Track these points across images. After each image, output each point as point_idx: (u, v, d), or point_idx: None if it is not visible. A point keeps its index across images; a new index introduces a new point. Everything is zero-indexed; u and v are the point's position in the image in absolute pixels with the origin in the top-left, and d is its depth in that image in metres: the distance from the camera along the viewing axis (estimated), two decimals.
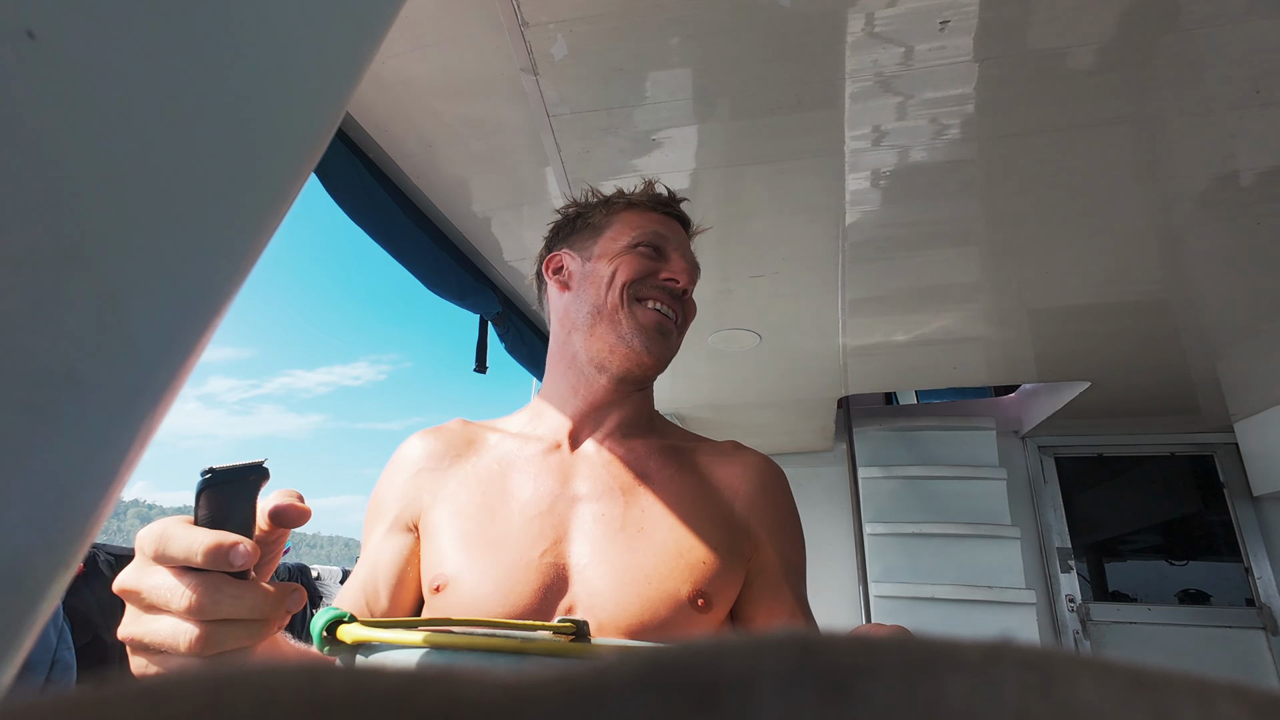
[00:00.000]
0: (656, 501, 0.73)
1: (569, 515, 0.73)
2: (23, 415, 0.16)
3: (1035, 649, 0.09)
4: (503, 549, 0.69)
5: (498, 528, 0.71)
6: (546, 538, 0.70)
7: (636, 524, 0.71)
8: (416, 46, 1.20)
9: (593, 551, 0.69)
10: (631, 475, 0.76)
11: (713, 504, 0.75)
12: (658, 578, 0.67)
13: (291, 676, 0.09)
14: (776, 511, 0.78)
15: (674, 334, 0.81)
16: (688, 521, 0.72)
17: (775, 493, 0.79)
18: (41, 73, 0.16)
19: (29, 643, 0.18)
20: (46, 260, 0.16)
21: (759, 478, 0.79)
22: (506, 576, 0.67)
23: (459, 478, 0.78)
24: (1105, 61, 1.13)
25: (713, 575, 0.69)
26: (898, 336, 2.28)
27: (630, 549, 0.69)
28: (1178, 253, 1.72)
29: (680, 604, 0.66)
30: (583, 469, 0.77)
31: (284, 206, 0.24)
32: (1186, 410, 3.00)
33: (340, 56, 0.25)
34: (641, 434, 0.82)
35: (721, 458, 0.81)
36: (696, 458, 0.81)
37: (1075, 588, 3.27)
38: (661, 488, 0.75)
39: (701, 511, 0.73)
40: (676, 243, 0.85)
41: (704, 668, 0.09)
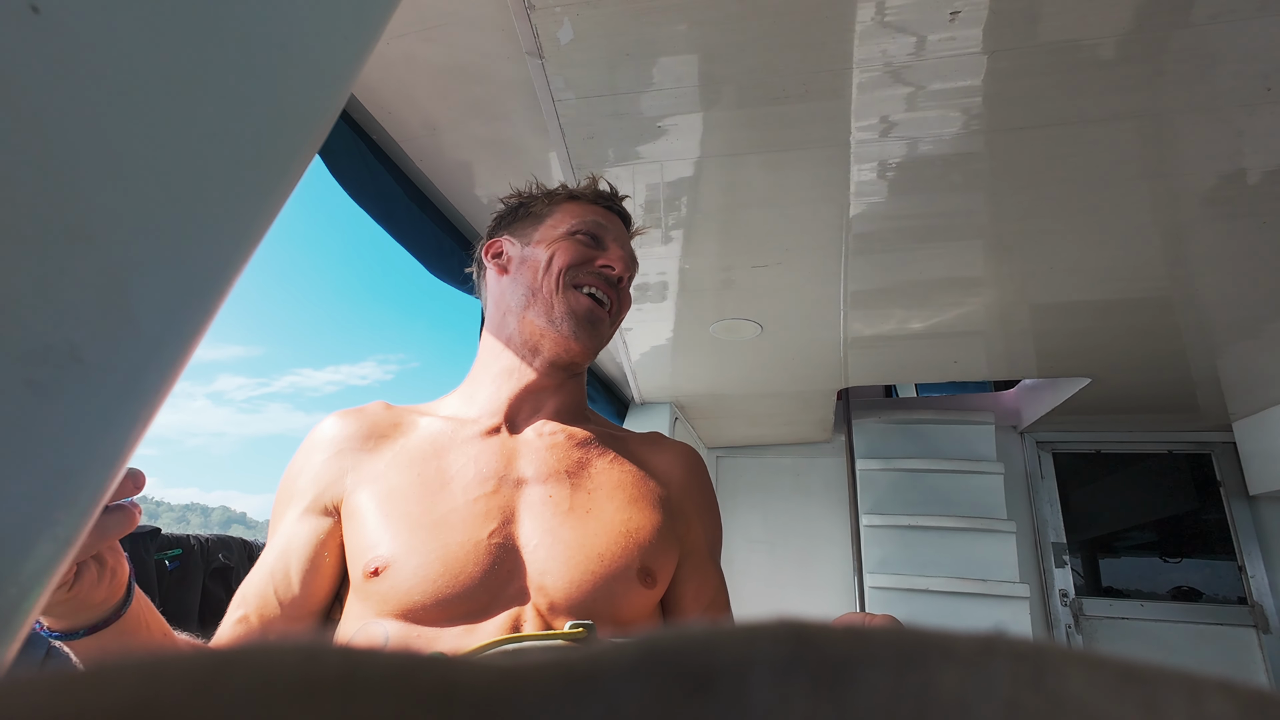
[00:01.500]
0: (600, 484, 0.76)
1: (515, 497, 0.73)
2: (25, 392, 0.16)
3: (1027, 642, 0.09)
4: (447, 530, 0.68)
5: (439, 508, 0.70)
6: (494, 518, 0.70)
7: (584, 505, 0.73)
8: (422, 28, 1.19)
9: (543, 532, 0.70)
10: (573, 460, 0.78)
11: (650, 487, 0.79)
12: (609, 555, 0.70)
13: (288, 655, 0.09)
14: (704, 496, 0.84)
15: (605, 323, 0.83)
16: (632, 503, 0.75)
17: (702, 480, 0.86)
18: (45, 48, 0.16)
19: (31, 619, 0.18)
20: (50, 239, 0.16)
21: (688, 465, 0.85)
22: (455, 557, 0.66)
23: (387, 459, 0.75)
24: (1115, 56, 1.12)
25: (656, 553, 0.73)
26: (899, 329, 2.28)
27: (580, 528, 0.71)
28: (1182, 250, 1.72)
29: (630, 580, 0.69)
30: (525, 452, 0.78)
31: (288, 188, 0.24)
32: (1185, 408, 3.00)
33: (346, 37, 0.24)
34: (578, 421, 0.84)
35: (653, 446, 0.86)
36: (629, 446, 0.84)
37: (1069, 582, 3.28)
38: (603, 472, 0.78)
39: (642, 494, 0.77)
40: (615, 234, 0.86)
41: (699, 654, 0.09)
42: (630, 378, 2.72)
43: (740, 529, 3.65)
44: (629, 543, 0.71)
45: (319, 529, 0.72)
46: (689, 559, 0.79)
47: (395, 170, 1.53)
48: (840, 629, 0.10)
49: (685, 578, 0.78)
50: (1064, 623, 3.23)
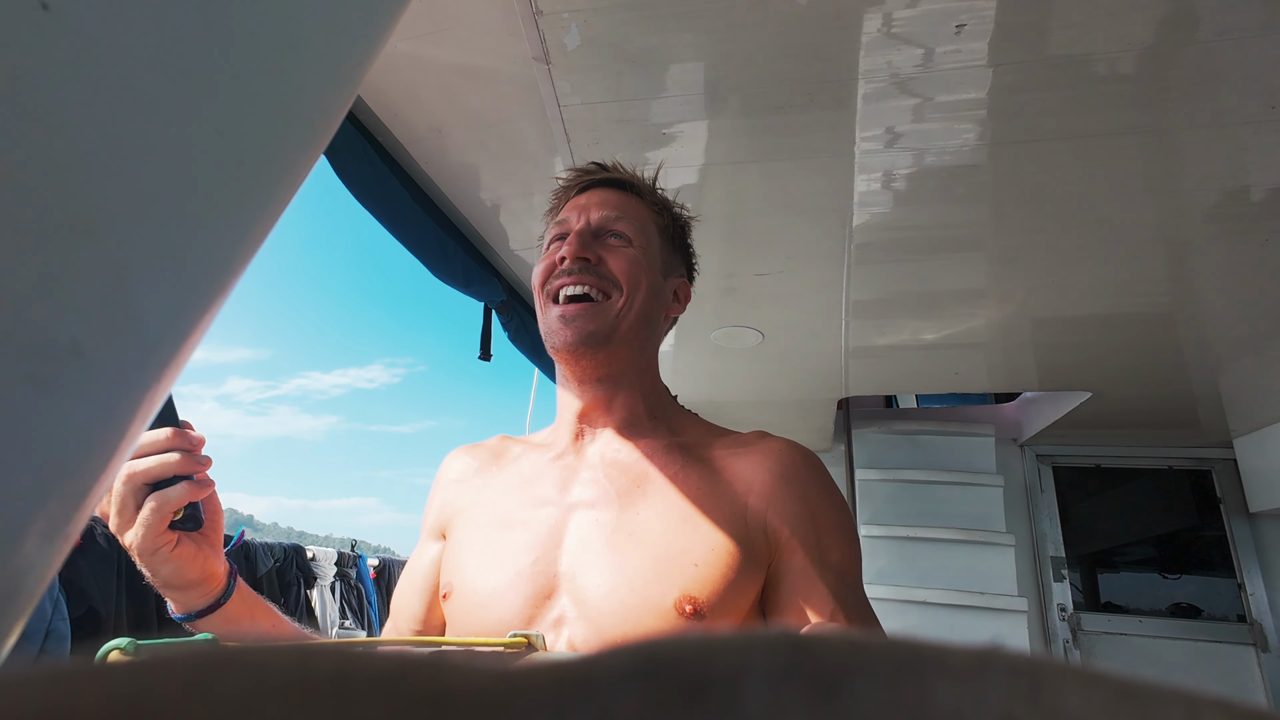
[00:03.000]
0: (652, 504, 0.70)
1: (565, 522, 0.72)
2: (24, 387, 0.16)
3: (1024, 656, 0.09)
4: (502, 558, 0.71)
5: (503, 537, 0.73)
6: (541, 546, 0.70)
7: (628, 529, 0.68)
8: (430, 31, 1.19)
9: (583, 559, 0.68)
10: (630, 478, 0.73)
11: (720, 502, 0.69)
12: (641, 583, 0.64)
13: (282, 655, 0.09)
14: (804, 502, 0.70)
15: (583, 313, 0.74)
16: (684, 521, 0.68)
17: (801, 482, 0.71)
18: (54, 44, 0.16)
19: (26, 614, 0.18)
20: (54, 233, 0.16)
21: (778, 467, 0.72)
22: (499, 585, 0.69)
23: (480, 490, 0.81)
24: (1120, 71, 1.12)
25: (705, 579, 0.64)
26: (900, 340, 2.28)
27: (618, 555, 0.67)
28: (1185, 266, 1.72)
29: (665, 611, 0.63)
30: (584, 474, 0.76)
31: (293, 187, 0.24)
32: (1186, 424, 2.99)
33: (354, 37, 0.25)
34: (645, 432, 0.78)
35: (739, 449, 0.75)
36: (710, 453, 0.75)
37: (1067, 597, 3.27)
38: (661, 489, 0.71)
39: (704, 511, 0.69)
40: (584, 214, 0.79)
41: (693, 662, 0.09)
42: None
43: None
44: (668, 568, 0.65)
45: (434, 554, 0.81)
46: (784, 580, 0.67)
47: (400, 172, 1.54)
48: (836, 639, 0.10)
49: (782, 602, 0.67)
50: (1062, 638, 3.22)
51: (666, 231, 0.85)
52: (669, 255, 0.85)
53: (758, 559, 0.67)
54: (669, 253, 0.85)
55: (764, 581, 0.68)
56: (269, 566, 4.05)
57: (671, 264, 0.85)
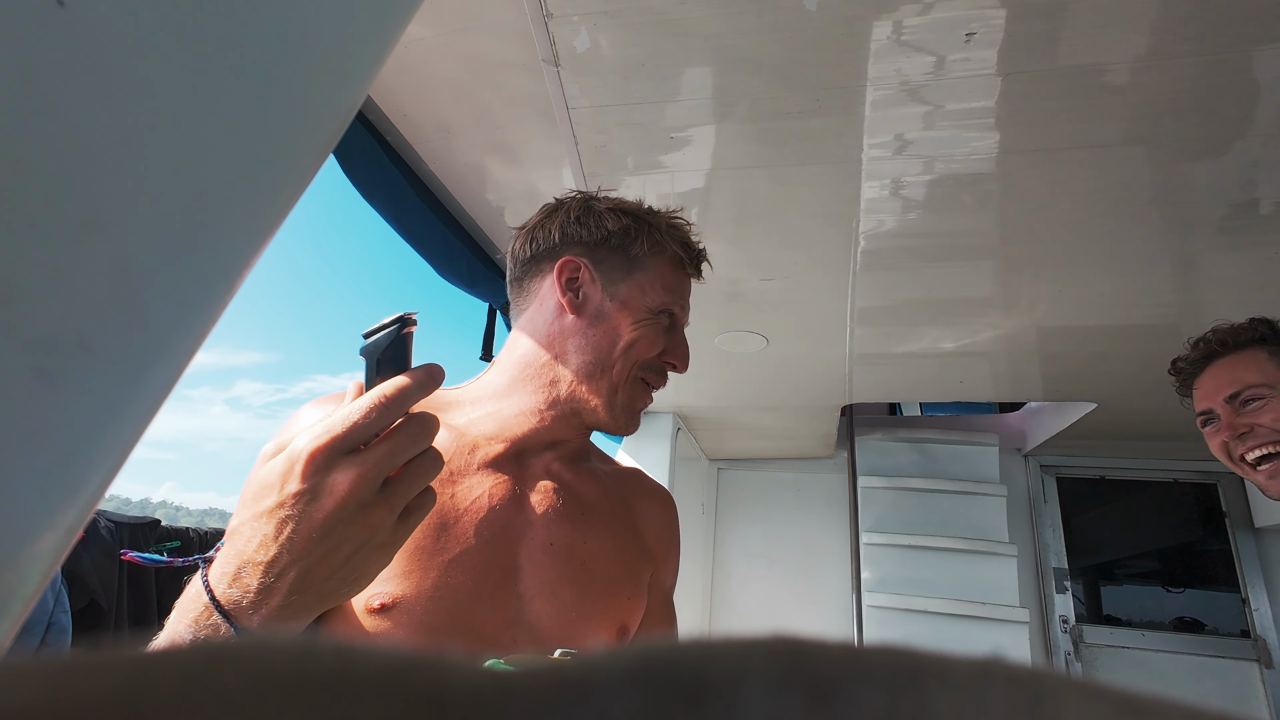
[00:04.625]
0: (595, 532, 0.77)
1: (520, 542, 0.71)
2: (32, 380, 0.16)
3: (1025, 668, 0.09)
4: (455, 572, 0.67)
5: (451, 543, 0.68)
6: (500, 566, 0.69)
7: (580, 557, 0.74)
8: (440, 32, 1.20)
9: (541, 583, 0.70)
10: (576, 505, 0.77)
11: (635, 537, 0.82)
12: (596, 612, 0.72)
13: (282, 651, 0.09)
14: (672, 542, 0.88)
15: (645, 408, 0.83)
16: (619, 555, 0.77)
17: (674, 526, 0.89)
18: (68, 41, 0.16)
19: (30, 604, 0.18)
20: (65, 228, 0.16)
21: (667, 514, 0.88)
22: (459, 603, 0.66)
23: None
24: (1130, 82, 1.12)
25: (633, 609, 0.77)
26: (905, 347, 2.28)
27: (574, 582, 0.72)
28: (1192, 278, 1.71)
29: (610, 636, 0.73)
30: (536, 491, 0.75)
31: (301, 186, 0.24)
32: (1192, 437, 2.95)
33: (365, 39, 0.25)
34: (582, 458, 0.84)
35: (640, 489, 0.88)
36: (623, 486, 0.86)
37: (1070, 609, 3.25)
38: (599, 519, 0.78)
39: (628, 546, 0.80)
40: (686, 311, 0.84)
41: (692, 666, 0.09)
42: None
43: (739, 542, 3.64)
44: (610, 601, 0.74)
45: None
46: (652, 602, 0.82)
47: (408, 171, 1.54)
48: (836, 646, 0.10)
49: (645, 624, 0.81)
50: (1063, 650, 3.20)
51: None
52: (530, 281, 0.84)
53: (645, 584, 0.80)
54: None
55: None
56: None
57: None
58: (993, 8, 1.01)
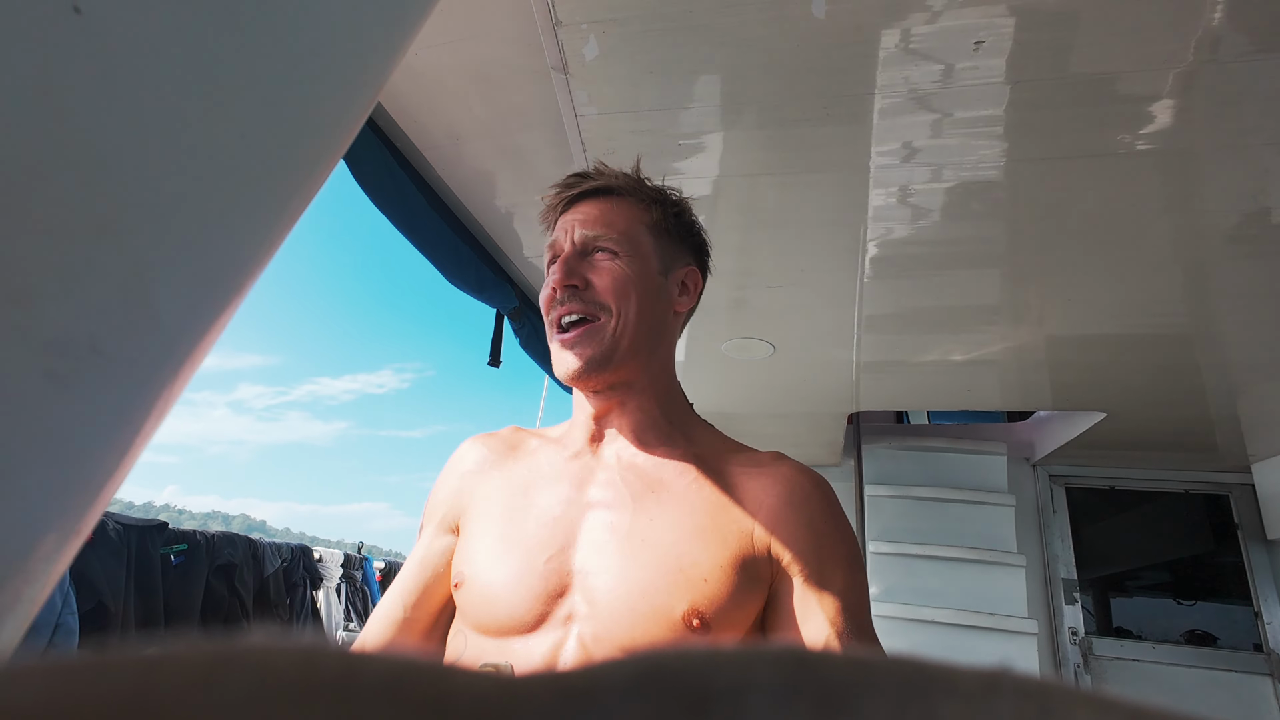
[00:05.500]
0: (666, 512, 0.71)
1: (579, 521, 0.73)
2: (44, 382, 0.16)
3: (1034, 680, 0.09)
4: (515, 552, 0.72)
5: (516, 531, 0.74)
6: (556, 543, 0.72)
7: (641, 534, 0.69)
8: (450, 40, 1.21)
9: (596, 560, 0.69)
10: (645, 483, 0.74)
11: (729, 518, 0.70)
12: (652, 591, 0.65)
13: (287, 656, 0.09)
14: (809, 529, 0.70)
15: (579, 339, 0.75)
16: (697, 535, 0.69)
17: (809, 509, 0.71)
18: (84, 47, 0.16)
19: (38, 605, 0.18)
20: (78, 232, 0.17)
21: (787, 493, 0.72)
22: (513, 578, 0.70)
23: (495, 482, 0.81)
24: (1140, 91, 1.12)
25: (714, 595, 0.65)
26: (912, 355, 2.27)
27: (631, 559, 0.68)
28: (1203, 287, 1.70)
29: (673, 622, 0.64)
30: (600, 475, 0.77)
31: (311, 191, 0.24)
32: (1203, 448, 2.95)
33: (375, 46, 0.25)
34: (662, 439, 0.79)
35: (752, 469, 0.75)
36: (726, 468, 0.76)
37: (1079, 620, 3.22)
38: (675, 498, 0.72)
39: (715, 525, 0.70)
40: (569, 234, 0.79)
41: (696, 675, 0.09)
42: None
43: None
44: (679, 579, 0.66)
45: (443, 546, 0.82)
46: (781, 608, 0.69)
47: (417, 177, 1.55)
48: (842, 656, 0.09)
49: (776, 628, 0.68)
50: (1072, 662, 3.17)
51: (659, 226, 0.82)
52: (667, 250, 0.82)
53: (760, 579, 0.69)
54: (667, 247, 0.82)
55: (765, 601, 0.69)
56: (276, 567, 4.06)
57: (673, 257, 0.83)
58: (1001, 16, 1.01)
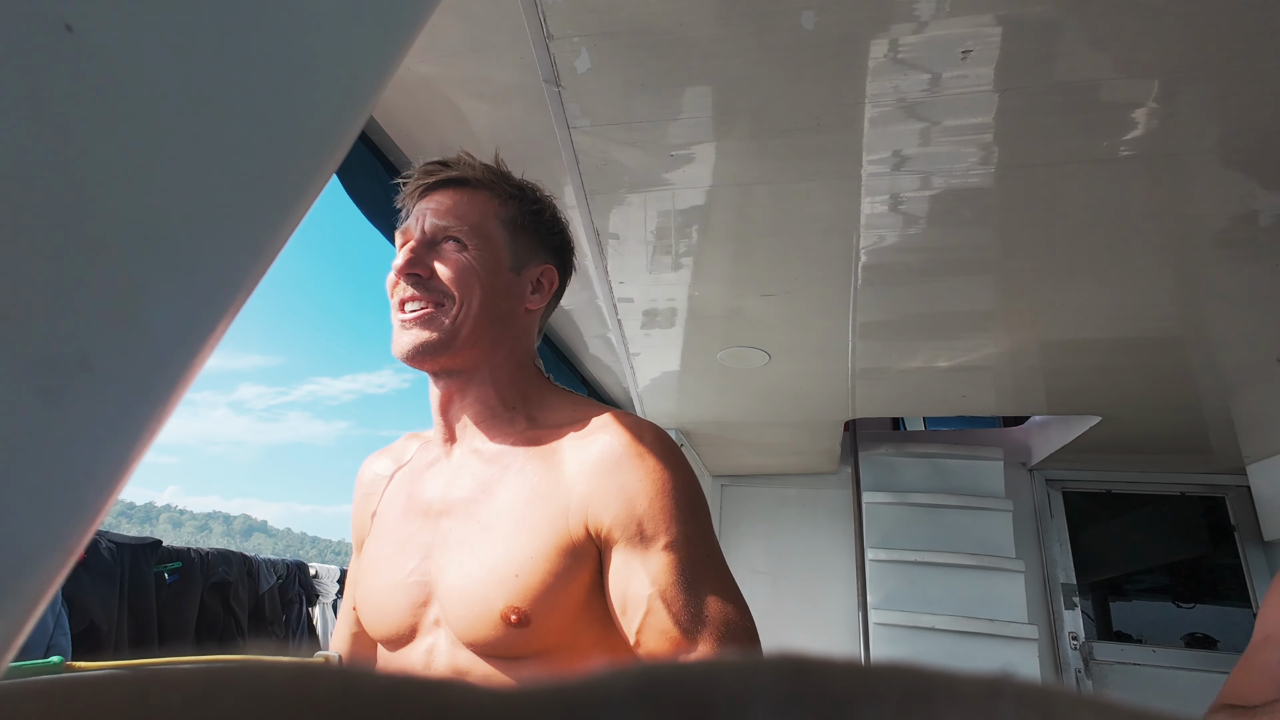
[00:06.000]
0: (496, 507, 0.72)
1: (435, 530, 0.76)
2: (35, 400, 0.16)
3: (1035, 686, 0.09)
4: (384, 569, 0.76)
5: (386, 547, 0.78)
6: (415, 554, 0.75)
7: (472, 541, 0.72)
8: (442, 54, 1.21)
9: (447, 566, 0.73)
10: (480, 483, 0.75)
11: (547, 503, 0.70)
12: (482, 591, 0.68)
13: (283, 674, 0.09)
14: (622, 493, 0.68)
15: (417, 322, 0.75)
16: (514, 529, 0.70)
17: (619, 471, 0.69)
18: (76, 65, 0.16)
19: (29, 627, 0.18)
20: (69, 248, 0.16)
21: (597, 458, 0.70)
22: (382, 598, 0.75)
23: (387, 497, 0.84)
24: (1127, 96, 1.13)
25: (526, 588, 0.67)
26: (907, 362, 2.27)
27: (469, 558, 0.71)
28: (1194, 290, 1.71)
29: (495, 622, 0.67)
30: (455, 478, 0.78)
31: (304, 206, 0.24)
32: (1198, 450, 2.96)
33: (367, 60, 0.25)
34: (502, 423, 0.78)
35: (576, 441, 0.74)
36: (558, 444, 0.75)
37: (1079, 625, 3.22)
38: (506, 490, 0.73)
39: (533, 514, 0.70)
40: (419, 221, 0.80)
41: (698, 687, 0.09)
42: (637, 403, 2.72)
43: (743, 560, 3.61)
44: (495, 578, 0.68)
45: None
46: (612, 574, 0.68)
47: None
48: (842, 664, 0.09)
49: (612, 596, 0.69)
50: (1074, 667, 3.16)
51: (515, 222, 0.82)
52: (522, 246, 0.82)
53: (581, 556, 0.68)
54: (522, 243, 0.82)
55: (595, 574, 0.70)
56: (271, 583, 4.03)
57: (529, 254, 0.83)
58: (988, 26, 1.02)
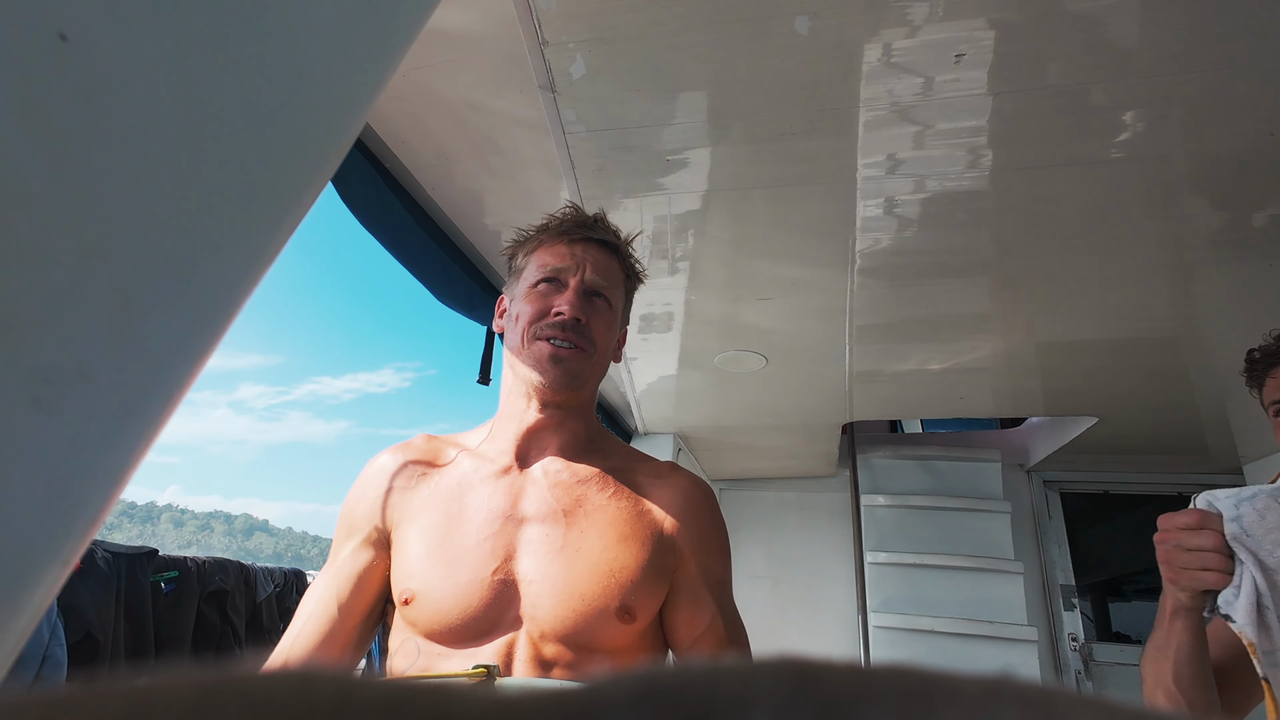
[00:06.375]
0: (594, 523, 0.83)
1: (517, 535, 0.82)
2: (30, 410, 0.16)
3: (1036, 687, 0.09)
4: (460, 566, 0.80)
5: (455, 546, 0.82)
6: (498, 556, 0.81)
7: (574, 545, 0.81)
8: (438, 61, 1.21)
9: (536, 569, 0.80)
10: (572, 498, 0.85)
11: (643, 524, 0.84)
12: (590, 594, 0.78)
13: (281, 682, 0.09)
14: (700, 529, 0.87)
15: (571, 358, 0.86)
16: (620, 541, 0.82)
17: (701, 513, 0.89)
18: (70, 74, 0.16)
19: (25, 637, 0.18)
20: (65, 258, 0.16)
21: (686, 500, 0.88)
22: (464, 592, 0.79)
23: (424, 496, 0.88)
24: (1120, 99, 1.14)
25: (636, 590, 0.79)
26: (904, 364, 2.28)
27: (568, 567, 0.79)
28: (1189, 291, 1.72)
29: (608, 616, 0.77)
30: (530, 491, 0.86)
31: (299, 214, 0.24)
32: (1195, 450, 2.96)
33: (362, 68, 0.25)
34: (583, 456, 0.90)
35: (656, 480, 0.90)
36: (635, 479, 0.89)
37: (1078, 626, 3.21)
38: (598, 510, 0.84)
39: (633, 531, 0.83)
40: (578, 268, 0.89)
41: (698, 690, 0.09)
42: (634, 408, 2.72)
43: (742, 563, 3.60)
44: (611, 582, 0.79)
45: (369, 558, 0.86)
46: (680, 591, 0.84)
47: (406, 198, 1.56)
48: (842, 667, 0.09)
49: (677, 608, 0.84)
50: (1074, 668, 3.16)
51: (629, 293, 0.97)
52: (623, 311, 0.97)
53: (667, 571, 0.84)
54: (624, 309, 0.97)
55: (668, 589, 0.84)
56: (269, 591, 4.01)
57: (625, 318, 0.98)
58: (981, 29, 1.03)
